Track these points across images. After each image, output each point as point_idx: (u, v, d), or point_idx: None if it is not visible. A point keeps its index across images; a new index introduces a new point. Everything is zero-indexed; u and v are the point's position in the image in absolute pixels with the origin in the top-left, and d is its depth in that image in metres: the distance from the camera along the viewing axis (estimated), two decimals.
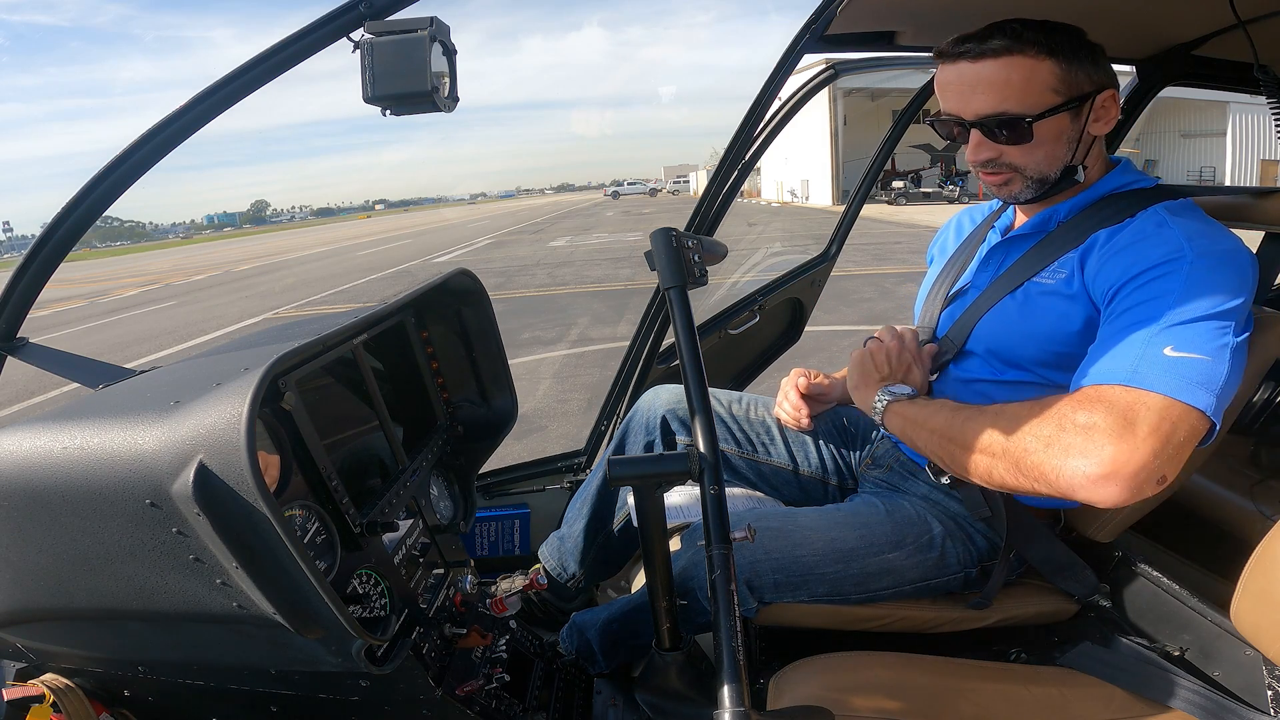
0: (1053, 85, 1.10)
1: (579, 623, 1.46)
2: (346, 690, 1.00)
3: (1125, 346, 0.98)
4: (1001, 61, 1.10)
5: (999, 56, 1.10)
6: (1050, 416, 0.96)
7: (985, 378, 1.25)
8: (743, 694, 0.74)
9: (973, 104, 1.13)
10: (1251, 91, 1.67)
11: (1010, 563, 1.29)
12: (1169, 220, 1.07)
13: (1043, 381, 1.19)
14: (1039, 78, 1.10)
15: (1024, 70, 1.09)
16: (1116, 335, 1.00)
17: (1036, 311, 1.18)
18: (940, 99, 1.20)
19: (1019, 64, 1.09)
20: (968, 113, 1.14)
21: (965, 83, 1.13)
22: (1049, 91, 1.10)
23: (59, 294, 19.48)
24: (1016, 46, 1.09)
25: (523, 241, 22.13)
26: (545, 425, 4.50)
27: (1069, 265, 1.16)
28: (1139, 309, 1.01)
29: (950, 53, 1.14)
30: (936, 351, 1.31)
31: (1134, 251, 1.06)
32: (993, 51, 1.10)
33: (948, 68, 1.16)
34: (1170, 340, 0.94)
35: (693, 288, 1.11)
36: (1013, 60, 1.09)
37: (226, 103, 0.96)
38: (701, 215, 1.80)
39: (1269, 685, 1.04)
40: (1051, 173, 1.17)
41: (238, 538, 0.76)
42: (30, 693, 1.00)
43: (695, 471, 0.93)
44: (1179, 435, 0.90)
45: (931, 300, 1.39)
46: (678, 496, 1.58)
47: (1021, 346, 1.20)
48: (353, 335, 1.13)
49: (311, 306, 12.18)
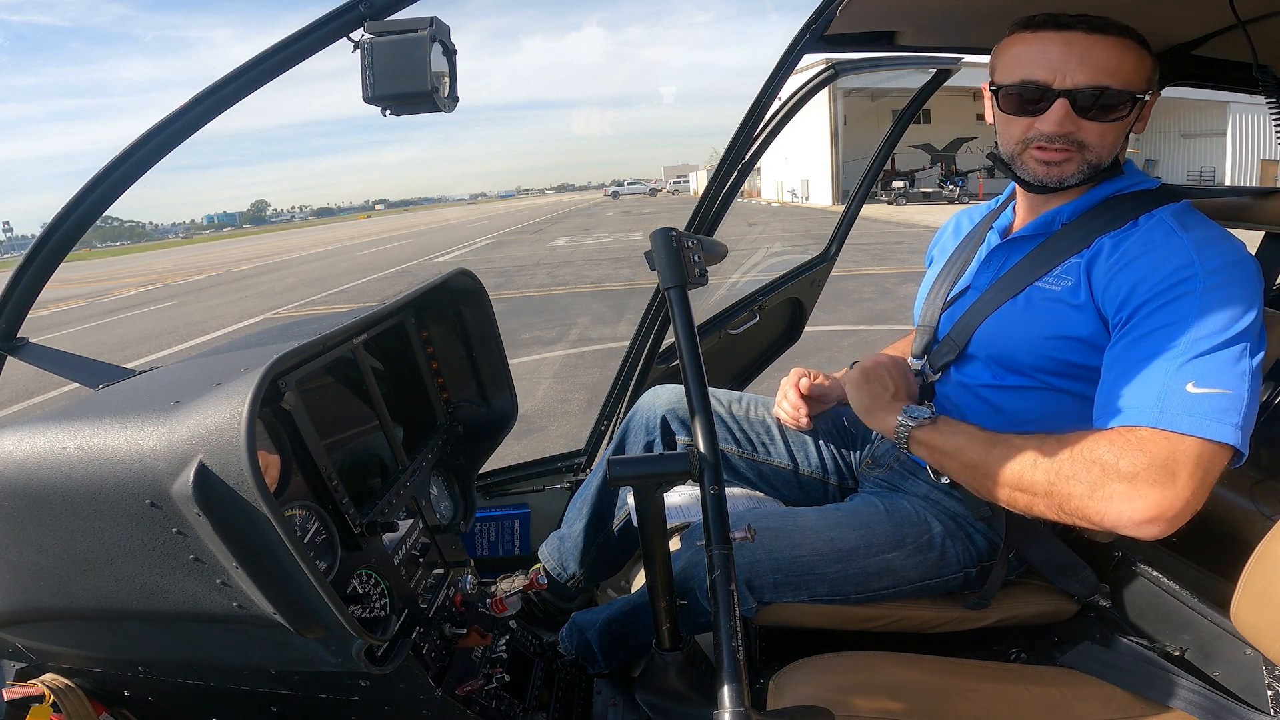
0: (1146, 75, 1.13)
1: (579, 622, 1.46)
2: (346, 690, 1.00)
3: (1147, 380, 0.98)
4: (1119, 41, 1.10)
5: (1119, 35, 1.10)
6: (1093, 463, 0.97)
7: (987, 382, 1.25)
8: (743, 694, 0.74)
9: (1077, 74, 1.10)
10: (1251, 92, 1.67)
11: (1010, 563, 1.29)
12: (1176, 230, 1.07)
13: (1044, 386, 1.19)
14: (1142, 65, 1.12)
15: (1133, 54, 1.11)
16: (1136, 364, 1.01)
17: (1040, 318, 1.17)
18: (1012, 69, 1.15)
19: (1133, 49, 1.11)
20: (1066, 82, 1.10)
21: (1074, 52, 1.10)
22: (1143, 80, 1.13)
23: (59, 294, 19.48)
24: (1131, 34, 1.11)
25: (523, 241, 22.13)
26: (545, 425, 4.50)
27: (1075, 273, 1.15)
28: (1155, 336, 1.01)
29: (1058, 21, 1.12)
30: (935, 352, 1.31)
31: (1144, 264, 1.06)
32: (1115, 29, 1.10)
33: (1051, 35, 1.12)
34: (1192, 375, 0.96)
35: (693, 288, 1.10)
36: (1128, 44, 1.11)
37: (227, 103, 0.96)
38: (701, 215, 1.80)
39: (1269, 685, 1.04)
40: (1107, 159, 1.17)
41: (238, 538, 0.76)
42: (30, 693, 1.00)
43: (695, 471, 0.93)
44: (1214, 472, 0.95)
45: (931, 301, 1.38)
46: (678, 496, 1.58)
47: (1024, 352, 1.19)
48: (353, 335, 1.13)
49: (311, 306, 12.18)
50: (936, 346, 1.33)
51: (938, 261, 1.49)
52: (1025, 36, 1.15)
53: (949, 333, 1.30)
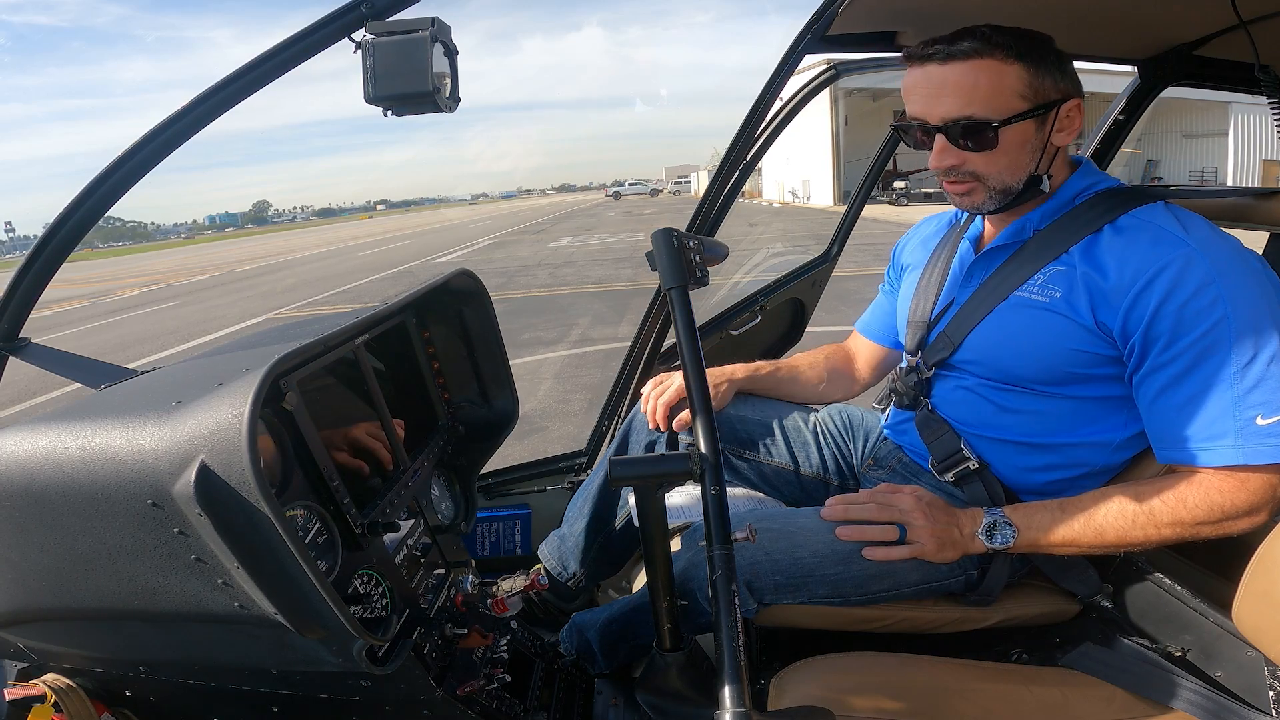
0: (1020, 90, 1.09)
1: (579, 623, 1.45)
2: (347, 690, 1.00)
3: (1213, 415, 1.03)
4: (970, 64, 1.08)
5: (968, 59, 1.08)
6: (1208, 520, 1.05)
7: (991, 399, 1.25)
8: (743, 694, 0.74)
9: (939, 107, 1.11)
10: (1253, 92, 1.66)
11: (1012, 564, 1.29)
12: (1180, 236, 1.06)
13: (1048, 394, 1.19)
14: (1006, 82, 1.08)
15: (992, 74, 1.07)
16: (1195, 398, 1.04)
17: (1033, 331, 1.16)
18: (906, 103, 1.17)
19: (987, 67, 1.08)
20: (934, 116, 1.12)
21: (932, 85, 1.11)
22: (1016, 97, 1.09)
23: (61, 294, 19.51)
24: (985, 49, 1.07)
25: (524, 242, 22.15)
26: (546, 425, 4.51)
27: (1061, 283, 1.14)
28: (1201, 368, 1.03)
29: (919, 54, 1.12)
30: (930, 348, 1.31)
31: (1161, 284, 1.04)
32: (962, 54, 1.08)
33: (915, 70, 1.13)
34: (1258, 407, 1.00)
35: (694, 288, 1.10)
36: (981, 64, 1.08)
37: (228, 103, 0.96)
38: (703, 215, 1.80)
39: (1270, 686, 1.04)
40: (1015, 183, 1.15)
41: (239, 538, 0.76)
42: (32, 692, 1.00)
43: (696, 472, 0.93)
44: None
45: (914, 324, 1.38)
46: (679, 497, 1.58)
47: (1021, 365, 1.19)
48: (354, 335, 1.13)
49: (313, 307, 12.19)
50: (930, 344, 1.33)
51: (910, 275, 1.48)
52: (909, 69, 1.15)
53: (935, 347, 1.30)
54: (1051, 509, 1.16)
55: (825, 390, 1.67)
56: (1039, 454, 1.24)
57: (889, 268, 1.63)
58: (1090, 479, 1.23)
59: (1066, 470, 1.23)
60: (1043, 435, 1.23)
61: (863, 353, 1.69)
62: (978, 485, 1.27)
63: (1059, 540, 1.14)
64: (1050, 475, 1.24)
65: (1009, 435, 1.25)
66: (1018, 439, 1.25)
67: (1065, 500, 1.15)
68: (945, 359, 1.30)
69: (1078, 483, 1.23)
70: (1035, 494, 1.26)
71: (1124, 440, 1.20)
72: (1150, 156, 23.91)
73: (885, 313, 1.62)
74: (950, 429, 1.30)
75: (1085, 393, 1.18)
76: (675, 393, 1.49)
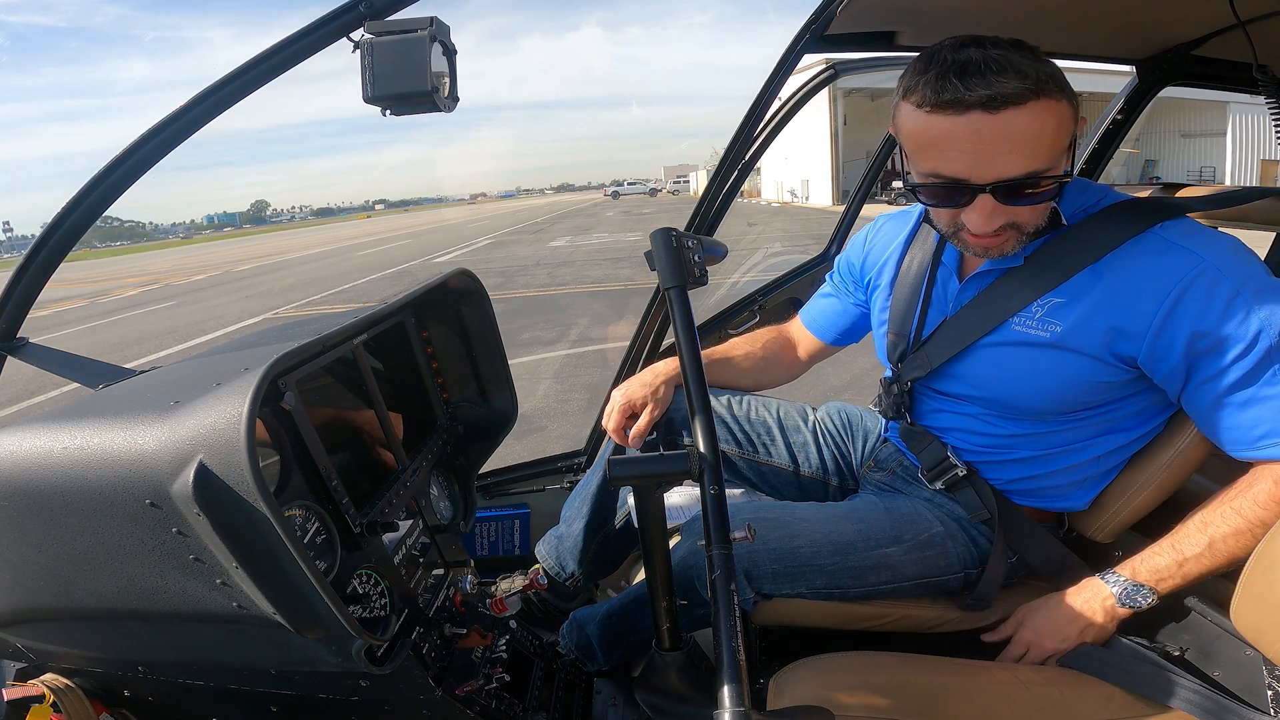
0: (1070, 129, 0.95)
1: (579, 618, 1.46)
2: (346, 690, 1.00)
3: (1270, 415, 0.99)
4: (1028, 109, 0.89)
5: (1024, 103, 0.89)
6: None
7: (988, 423, 1.23)
8: (743, 694, 0.74)
9: (995, 167, 0.93)
10: (1251, 92, 1.67)
11: (1012, 565, 1.29)
12: (1196, 253, 1.00)
13: (1056, 420, 1.17)
14: (1065, 124, 0.93)
15: (1054, 117, 0.91)
16: (1253, 400, 0.99)
17: (1037, 369, 1.11)
18: (922, 157, 0.98)
19: (1048, 110, 0.91)
20: (986, 177, 0.93)
21: (985, 141, 0.91)
22: (1067, 136, 0.95)
23: (59, 294, 19.47)
24: (1038, 88, 0.89)
25: (523, 242, 22.14)
26: (545, 425, 4.50)
27: (1061, 317, 1.08)
28: (1251, 377, 0.98)
29: (951, 100, 0.90)
30: (909, 363, 1.28)
31: (1188, 311, 0.98)
32: (1015, 98, 0.88)
33: (952, 120, 0.91)
34: None
35: (693, 288, 1.10)
36: (1040, 106, 0.90)
37: (227, 103, 0.96)
38: (701, 215, 1.80)
39: (1269, 685, 1.04)
40: (1044, 222, 1.05)
41: (238, 538, 0.76)
42: (30, 693, 1.00)
43: (695, 471, 0.93)
44: None
45: (892, 335, 1.32)
46: (678, 497, 1.58)
47: (1028, 400, 1.15)
48: (353, 335, 1.13)
49: (312, 306, 12.18)
50: (908, 359, 1.28)
51: (881, 295, 1.39)
52: (923, 117, 0.95)
53: (921, 349, 1.25)
54: (1165, 551, 1.08)
55: (761, 377, 1.65)
56: (1038, 465, 1.23)
57: (839, 269, 1.55)
58: (1091, 480, 1.23)
59: (1066, 475, 1.23)
60: (1045, 451, 1.21)
61: (804, 342, 1.66)
62: (969, 491, 1.27)
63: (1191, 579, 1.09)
64: (1047, 482, 1.24)
65: (1008, 456, 1.24)
66: (1017, 457, 1.23)
67: (1175, 539, 1.09)
68: (921, 378, 1.27)
69: (1078, 484, 1.23)
70: (1031, 496, 1.26)
71: (1130, 441, 1.19)
72: (1149, 156, 23.93)
73: (835, 313, 1.57)
74: (935, 439, 1.29)
75: (1098, 414, 1.16)
76: (620, 414, 1.47)
